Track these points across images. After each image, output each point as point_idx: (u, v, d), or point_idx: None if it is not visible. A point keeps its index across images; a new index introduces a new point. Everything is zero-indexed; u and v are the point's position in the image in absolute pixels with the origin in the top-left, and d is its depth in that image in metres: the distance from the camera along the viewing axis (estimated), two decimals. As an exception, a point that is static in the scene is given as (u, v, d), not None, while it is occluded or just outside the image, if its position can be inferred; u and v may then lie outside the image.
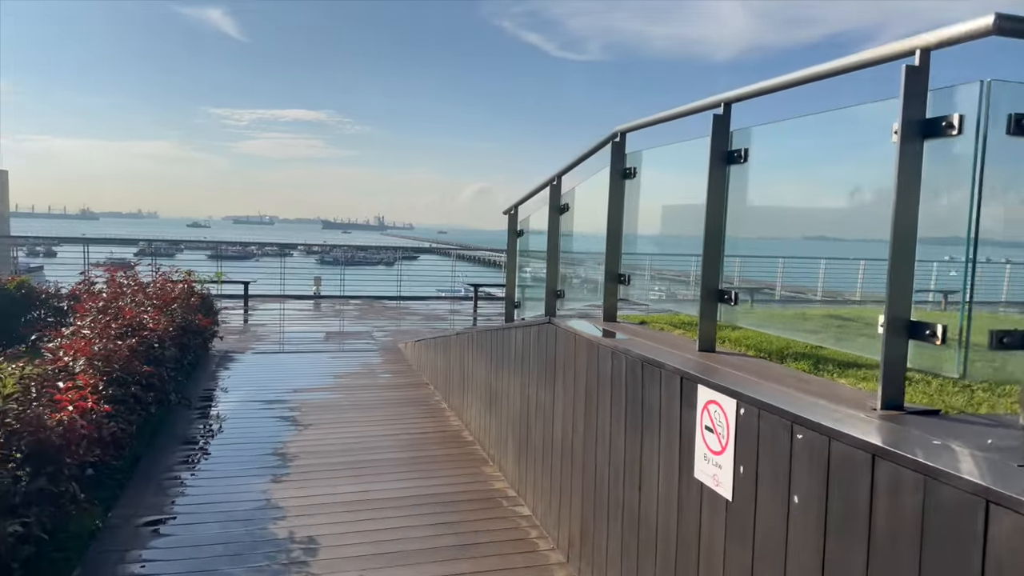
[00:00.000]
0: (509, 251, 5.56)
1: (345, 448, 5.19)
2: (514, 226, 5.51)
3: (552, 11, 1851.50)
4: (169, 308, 6.48)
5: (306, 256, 58.88)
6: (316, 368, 8.14)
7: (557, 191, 4.53)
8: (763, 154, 2.70)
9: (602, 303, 3.72)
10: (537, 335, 4.09)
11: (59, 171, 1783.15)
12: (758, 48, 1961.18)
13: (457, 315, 14.13)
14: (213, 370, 7.74)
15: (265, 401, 6.52)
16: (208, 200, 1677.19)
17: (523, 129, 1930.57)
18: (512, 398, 4.57)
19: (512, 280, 5.55)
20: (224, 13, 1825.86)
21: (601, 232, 4.75)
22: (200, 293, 8.51)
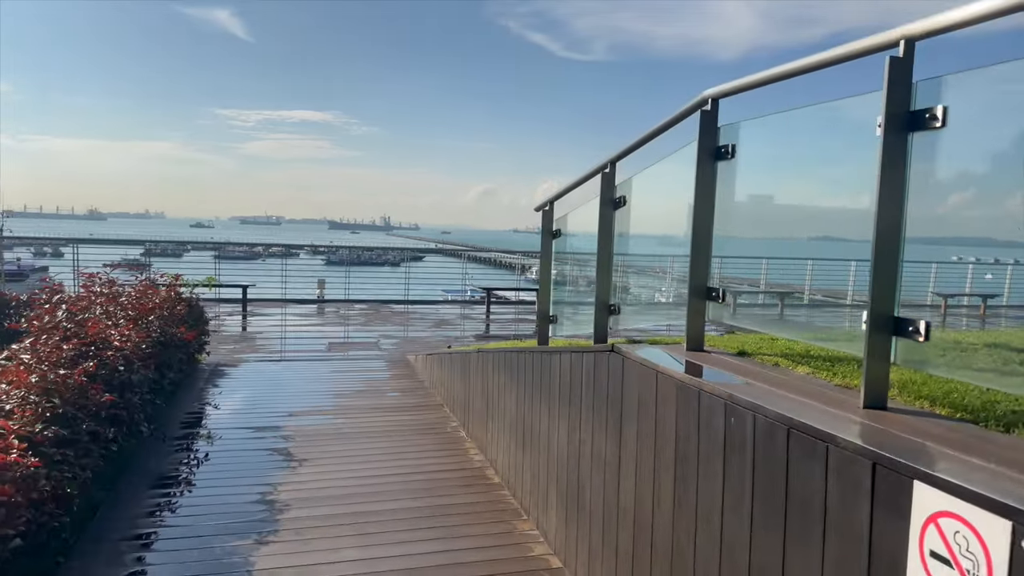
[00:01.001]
0: (543, 256, 4.65)
1: (347, 494, 4.29)
2: (549, 225, 4.60)
3: (557, 11, 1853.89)
4: (145, 320, 5.60)
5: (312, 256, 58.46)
6: (316, 385, 7.24)
7: (610, 181, 3.63)
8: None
9: (685, 326, 2.81)
10: (594, 365, 3.18)
11: (66, 172, 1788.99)
12: (763, 48, 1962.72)
13: (468, 320, 13.24)
14: (200, 388, 6.86)
15: (255, 428, 5.63)
16: (215, 200, 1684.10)
17: (528, 130, 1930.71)
18: (556, 439, 3.66)
19: (546, 290, 4.64)
20: (231, 14, 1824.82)
21: (670, 232, 3.81)
22: (188, 300, 7.64)
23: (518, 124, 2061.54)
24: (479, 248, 51.95)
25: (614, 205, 3.64)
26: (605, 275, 3.65)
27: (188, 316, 7.33)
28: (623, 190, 3.62)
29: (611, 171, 3.67)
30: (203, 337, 7.88)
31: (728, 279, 2.91)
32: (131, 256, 24.18)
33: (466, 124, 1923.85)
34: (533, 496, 3.99)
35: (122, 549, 3.56)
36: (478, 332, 12.15)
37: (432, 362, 7.22)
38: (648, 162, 3.45)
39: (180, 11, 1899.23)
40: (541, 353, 3.94)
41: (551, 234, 4.61)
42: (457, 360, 6.07)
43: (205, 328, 7.93)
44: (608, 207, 3.64)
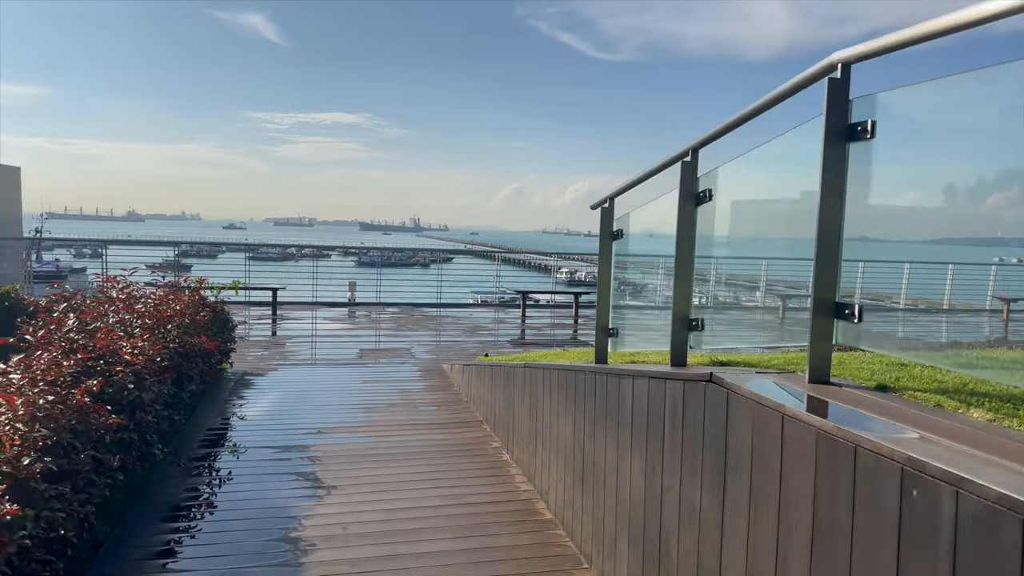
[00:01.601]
0: (602, 260, 4.09)
1: (380, 531, 3.78)
2: (609, 225, 4.04)
3: (587, 11, 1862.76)
4: (163, 329, 5.17)
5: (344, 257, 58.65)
6: (346, 397, 6.76)
7: (692, 172, 3.06)
8: None
9: (808, 352, 2.23)
10: (683, 397, 2.61)
11: (105, 174, 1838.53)
12: (798, 47, 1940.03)
13: (503, 325, 12.72)
14: (224, 401, 6.43)
15: (280, 448, 5.16)
16: (249, 202, 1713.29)
17: (557, 130, 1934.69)
18: (628, 479, 3.09)
19: (606, 300, 4.07)
20: (265, 18, 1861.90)
21: (770, 233, 3.22)
22: (213, 305, 7.23)
23: (547, 124, 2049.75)
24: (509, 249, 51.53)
25: (696, 200, 3.07)
26: (684, 283, 3.08)
27: (212, 323, 6.92)
28: (707, 183, 3.05)
29: (693, 160, 3.10)
30: (229, 344, 7.48)
31: (848, 291, 2.34)
32: (169, 257, 24.20)
33: (495, 125, 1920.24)
34: (596, 542, 3.43)
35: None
36: (513, 337, 11.62)
37: (470, 373, 6.69)
38: (742, 148, 2.87)
39: (216, 16, 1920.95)
40: (606, 375, 3.38)
41: (611, 235, 4.04)
42: (499, 374, 5.53)
43: (231, 335, 7.53)
44: (689, 203, 3.07)
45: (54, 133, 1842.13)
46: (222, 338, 7.08)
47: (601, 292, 4.10)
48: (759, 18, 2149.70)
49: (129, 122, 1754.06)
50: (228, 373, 7.44)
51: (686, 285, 3.09)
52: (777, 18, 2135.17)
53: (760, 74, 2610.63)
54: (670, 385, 2.69)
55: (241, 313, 12.72)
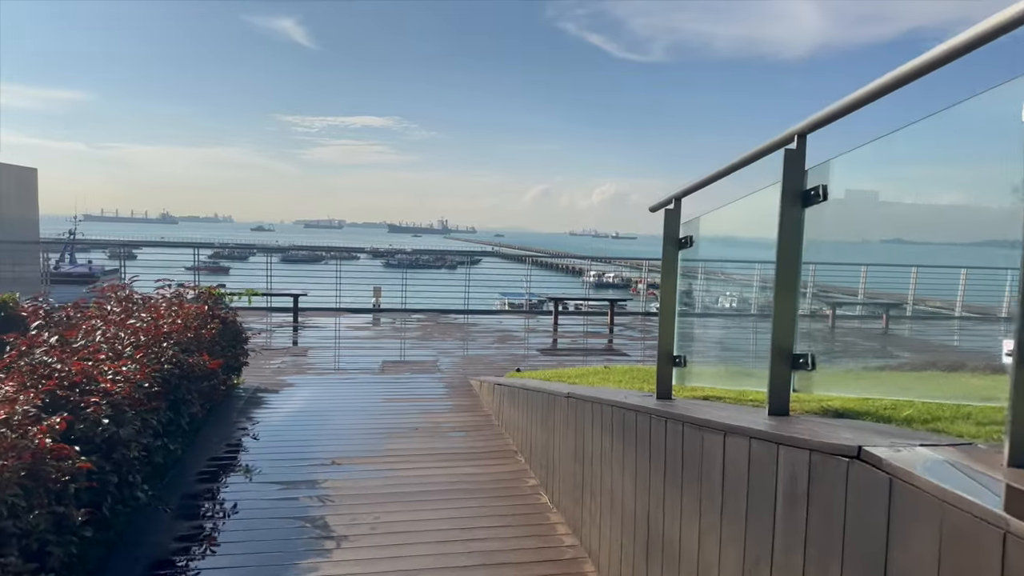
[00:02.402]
0: (666, 272, 3.38)
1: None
2: (674, 230, 3.33)
3: (616, 12, 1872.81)
4: (158, 348, 4.58)
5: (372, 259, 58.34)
6: (365, 419, 6.14)
7: (799, 162, 2.35)
8: None
9: (1008, 415, 1.50)
10: (814, 474, 1.88)
11: (141, 177, 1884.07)
12: (830, 47, 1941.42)
13: (534, 333, 12.03)
14: (232, 422, 5.84)
15: (287, 484, 4.54)
16: (280, 204, 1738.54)
17: (585, 131, 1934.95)
18: (718, 568, 2.38)
19: (670, 321, 3.36)
20: (296, 22, 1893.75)
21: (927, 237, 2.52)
22: (224, 316, 6.66)
23: (575, 126, 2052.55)
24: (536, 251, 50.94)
25: (804, 199, 2.36)
26: (786, 307, 2.38)
27: (222, 335, 6.35)
28: (818, 176, 2.34)
29: (799, 148, 2.39)
30: (241, 359, 6.91)
31: None
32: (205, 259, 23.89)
33: (523, 127, 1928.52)
34: (667, 634, 2.72)
35: None
36: (544, 346, 10.94)
37: (502, 395, 6.02)
38: (875, 130, 2.15)
39: (248, 21, 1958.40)
40: (680, 423, 2.67)
41: (677, 242, 3.33)
42: (537, 402, 4.84)
43: (243, 348, 6.95)
44: (794, 202, 2.36)
45: (92, 137, 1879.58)
46: (233, 352, 6.51)
47: (664, 312, 3.40)
48: (790, 17, 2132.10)
49: (164, 126, 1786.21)
50: (239, 390, 6.87)
51: (789, 309, 2.38)
52: (808, 17, 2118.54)
53: (792, 75, 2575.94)
54: (787, 454, 1.98)
55: (262, 320, 12.23)
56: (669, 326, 3.38)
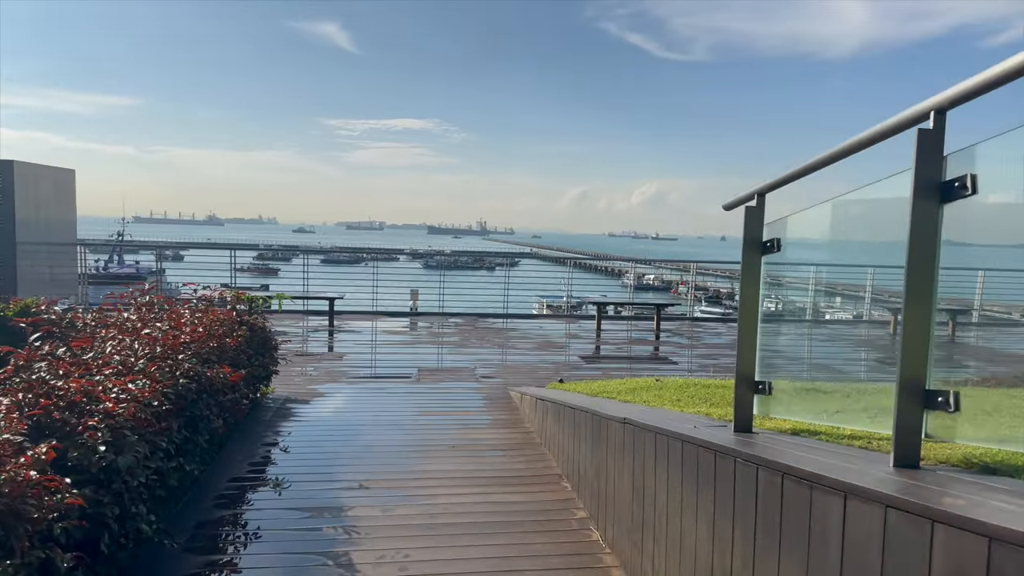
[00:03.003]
0: (746, 280, 2.85)
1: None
2: (756, 231, 2.80)
3: (657, 11, 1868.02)
4: (172, 361, 4.22)
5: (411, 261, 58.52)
6: (398, 435, 5.71)
7: (936, 146, 1.84)
8: None
9: None
10: None
11: (189, 180, 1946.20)
12: (876, 44, 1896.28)
13: (575, 339, 11.51)
14: (258, 437, 5.48)
15: (311, 511, 4.12)
16: (323, 206, 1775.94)
17: (624, 132, 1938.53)
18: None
19: (751, 337, 2.83)
20: (339, 27, 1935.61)
21: None
22: (251, 322, 6.33)
23: (614, 126, 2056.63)
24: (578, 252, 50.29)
25: (943, 193, 1.83)
26: (919, 327, 1.85)
27: (249, 343, 6.01)
28: (961, 164, 1.81)
29: (937, 127, 1.86)
30: (271, 367, 6.57)
31: None
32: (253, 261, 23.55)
33: (562, 127, 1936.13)
34: None
35: None
36: (587, 353, 10.42)
37: (544, 410, 5.53)
38: None
39: (291, 26, 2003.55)
40: (783, 477, 2.13)
41: (760, 246, 2.80)
42: (585, 424, 4.34)
43: (273, 356, 6.61)
44: (928, 196, 1.84)
45: (141, 141, 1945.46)
46: (262, 360, 6.16)
47: (744, 328, 2.87)
48: (835, 15, 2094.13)
49: (210, 130, 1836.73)
50: (268, 400, 6.53)
51: (921, 332, 1.86)
52: (854, 15, 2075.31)
53: (836, 74, 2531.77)
54: (948, 538, 1.45)
55: (297, 324, 11.97)
56: (750, 345, 2.85)
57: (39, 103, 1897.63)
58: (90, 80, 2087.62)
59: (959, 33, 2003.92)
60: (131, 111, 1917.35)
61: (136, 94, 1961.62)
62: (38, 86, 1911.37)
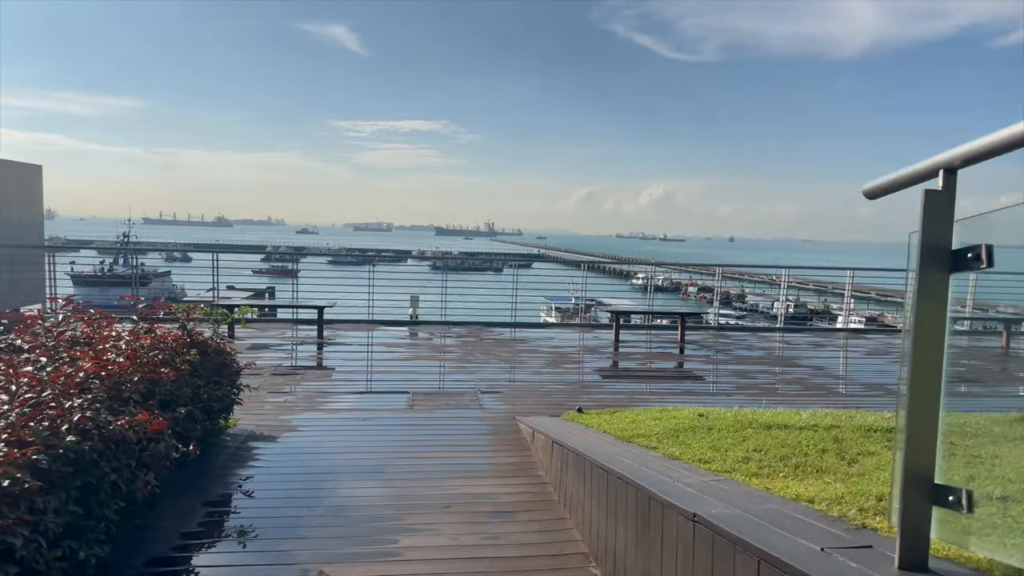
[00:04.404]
0: (922, 308, 1.67)
1: None
2: (940, 232, 1.62)
3: (664, 12, 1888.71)
4: (57, 410, 3.08)
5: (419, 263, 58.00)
6: (378, 488, 4.55)
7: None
8: None
9: None
10: None
11: (198, 182, 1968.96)
12: (884, 44, 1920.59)
13: (592, 354, 10.34)
14: (202, 491, 4.34)
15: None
16: (331, 208, 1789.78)
17: (631, 133, 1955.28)
18: None
19: (929, 400, 1.67)
20: (348, 29, 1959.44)
21: None
22: (204, 343, 5.21)
23: (621, 127, 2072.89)
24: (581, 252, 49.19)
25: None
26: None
27: (199, 370, 4.89)
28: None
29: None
30: (231, 396, 5.45)
31: None
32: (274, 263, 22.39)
33: (569, 128, 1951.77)
34: None
35: None
36: (605, 369, 9.28)
37: (564, 461, 4.36)
38: None
39: (300, 28, 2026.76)
40: None
41: (949, 257, 1.63)
42: (625, 498, 3.16)
43: (232, 382, 5.48)
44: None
45: (150, 143, 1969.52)
46: (213, 392, 5.03)
47: (918, 388, 1.69)
48: (844, 14, 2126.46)
49: (219, 132, 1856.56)
50: (227, 437, 5.39)
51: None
52: (862, 14, 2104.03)
53: (845, 73, 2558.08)
54: None
55: (284, 335, 10.86)
56: (927, 417, 1.67)
57: (50, 105, 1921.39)
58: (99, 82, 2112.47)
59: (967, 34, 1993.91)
60: (139, 113, 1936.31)
61: (144, 96, 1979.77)
62: (49, 88, 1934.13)
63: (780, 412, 5.41)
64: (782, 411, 5.57)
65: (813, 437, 4.14)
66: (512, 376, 8.43)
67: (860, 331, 14.82)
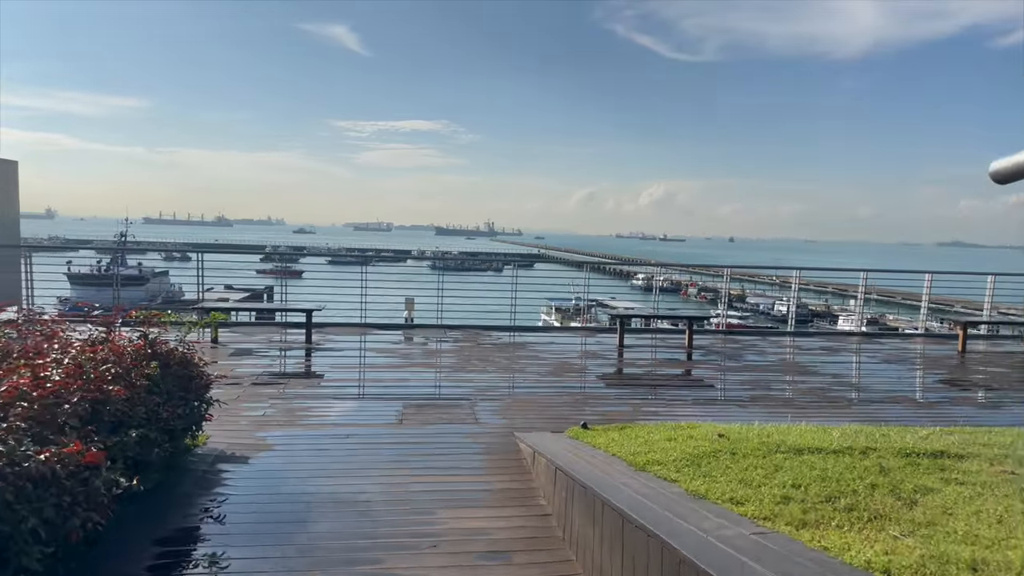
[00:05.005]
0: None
1: None
2: None
3: (665, 12, 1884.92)
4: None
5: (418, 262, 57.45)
6: (356, 524, 4.01)
7: None
8: None
9: None
10: None
11: (198, 181, 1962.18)
12: (886, 44, 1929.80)
13: (595, 359, 9.81)
14: (157, 525, 3.81)
15: None
16: (332, 207, 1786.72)
17: (630, 134, 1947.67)
18: None
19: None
20: (349, 29, 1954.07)
21: None
22: (168, 354, 4.67)
23: (621, 128, 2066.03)
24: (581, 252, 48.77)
25: None
26: None
27: (159, 384, 4.35)
28: None
29: None
30: (201, 410, 4.91)
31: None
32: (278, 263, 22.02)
33: (570, 129, 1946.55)
34: None
35: None
36: (609, 375, 8.76)
37: (570, 492, 3.82)
38: None
39: (301, 28, 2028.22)
40: None
41: None
42: (648, 552, 2.62)
43: (201, 397, 4.94)
44: None
45: (152, 142, 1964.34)
46: (175, 410, 4.48)
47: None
48: (846, 14, 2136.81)
49: (220, 132, 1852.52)
50: (193, 459, 4.86)
51: None
52: (863, 14, 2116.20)
53: (846, 74, 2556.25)
54: None
55: (271, 339, 10.32)
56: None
57: (52, 104, 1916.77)
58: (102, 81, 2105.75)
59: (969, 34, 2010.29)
60: (141, 113, 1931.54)
61: (147, 96, 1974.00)
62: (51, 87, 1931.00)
63: (806, 429, 4.89)
64: (807, 427, 5.05)
65: (854, 466, 3.61)
66: (510, 385, 7.90)
67: (874, 335, 14.29)
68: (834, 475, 3.37)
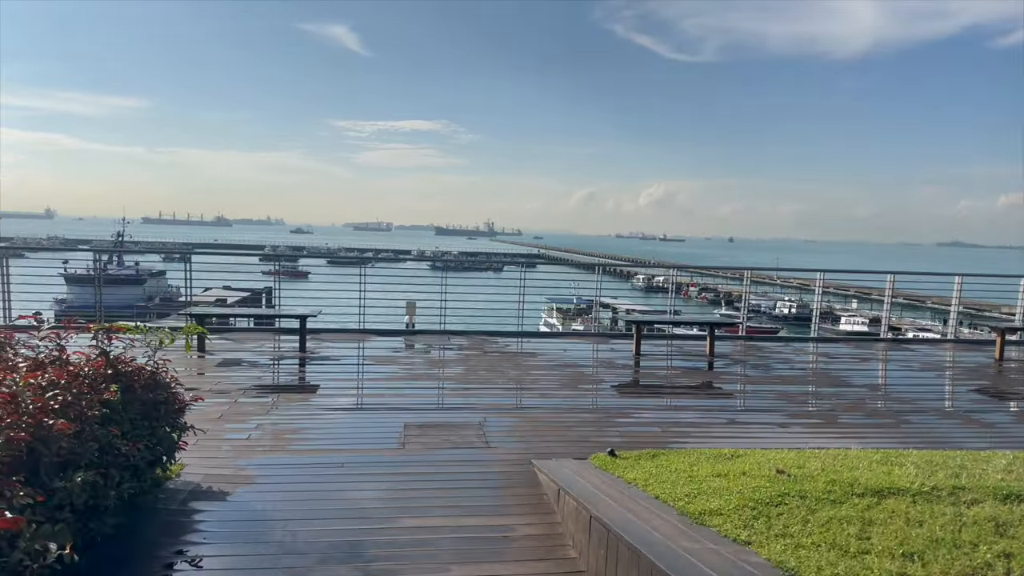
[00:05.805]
0: None
1: None
2: None
3: (665, 13, 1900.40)
4: None
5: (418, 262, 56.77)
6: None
7: None
8: None
9: None
10: None
11: (198, 181, 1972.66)
12: (885, 44, 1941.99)
13: (609, 369, 9.14)
14: None
15: None
16: (331, 207, 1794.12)
17: (630, 135, 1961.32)
18: None
19: None
20: (349, 29, 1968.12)
21: None
22: (134, 374, 3.99)
23: (621, 128, 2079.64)
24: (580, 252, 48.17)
25: None
26: None
27: (121, 412, 3.67)
28: None
29: None
30: (172, 437, 4.23)
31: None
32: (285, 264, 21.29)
33: (570, 129, 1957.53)
34: None
35: None
36: (627, 386, 8.09)
37: (609, 549, 3.14)
38: None
39: (301, 28, 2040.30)
40: None
41: None
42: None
43: (176, 419, 4.26)
44: None
45: (152, 142, 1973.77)
46: (152, 434, 3.82)
47: None
48: (845, 14, 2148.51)
49: (220, 132, 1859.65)
50: (163, 495, 4.18)
51: None
52: (863, 14, 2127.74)
53: (846, 74, 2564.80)
54: None
55: (263, 346, 9.65)
56: None
57: (52, 104, 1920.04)
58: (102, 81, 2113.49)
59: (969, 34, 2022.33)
60: (141, 113, 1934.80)
61: (147, 96, 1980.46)
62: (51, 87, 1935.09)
63: (872, 459, 4.23)
64: (870, 454, 4.39)
65: (961, 519, 2.94)
66: (522, 400, 7.23)
67: (901, 340, 13.62)
68: (947, 537, 2.69)
